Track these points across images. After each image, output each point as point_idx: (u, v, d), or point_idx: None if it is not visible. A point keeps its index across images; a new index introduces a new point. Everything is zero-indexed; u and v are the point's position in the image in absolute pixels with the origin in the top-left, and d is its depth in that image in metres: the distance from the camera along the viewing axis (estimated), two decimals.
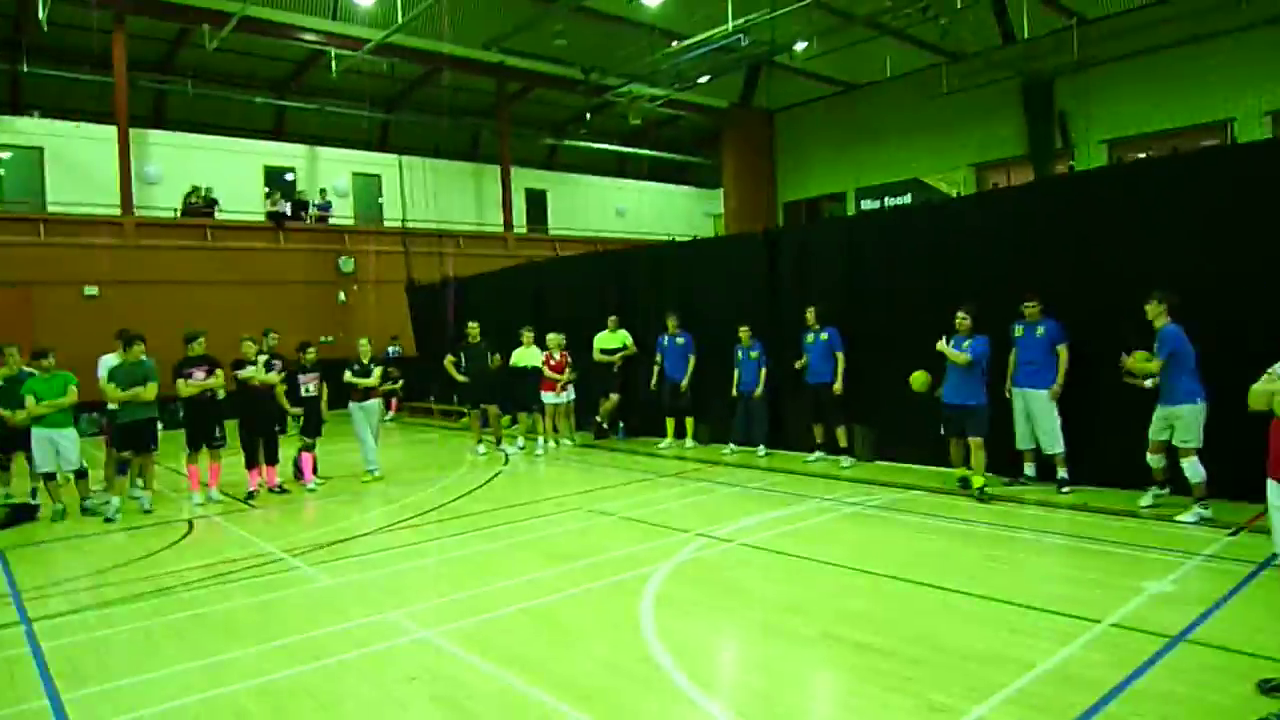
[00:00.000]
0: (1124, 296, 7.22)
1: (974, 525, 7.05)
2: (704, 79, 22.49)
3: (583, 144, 29.17)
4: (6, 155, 19.43)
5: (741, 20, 17.75)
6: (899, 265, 9.63)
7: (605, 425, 13.10)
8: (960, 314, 8.10)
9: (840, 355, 9.78)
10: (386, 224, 24.06)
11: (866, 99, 24.54)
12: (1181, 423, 6.64)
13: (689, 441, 11.90)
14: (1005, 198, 10.29)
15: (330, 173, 23.92)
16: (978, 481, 7.96)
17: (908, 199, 22.56)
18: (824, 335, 9.85)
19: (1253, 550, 5.73)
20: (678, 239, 15.27)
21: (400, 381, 18.58)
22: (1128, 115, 19.30)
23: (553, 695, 3.97)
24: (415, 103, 26.02)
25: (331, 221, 22.82)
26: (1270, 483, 3.53)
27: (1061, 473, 7.83)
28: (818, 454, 10.24)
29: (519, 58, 23.10)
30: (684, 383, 11.60)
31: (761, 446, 10.83)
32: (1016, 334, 8.09)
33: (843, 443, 9.83)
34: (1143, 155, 18.08)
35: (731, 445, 11.10)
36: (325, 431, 10.27)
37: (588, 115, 25.51)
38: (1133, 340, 6.96)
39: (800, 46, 20.71)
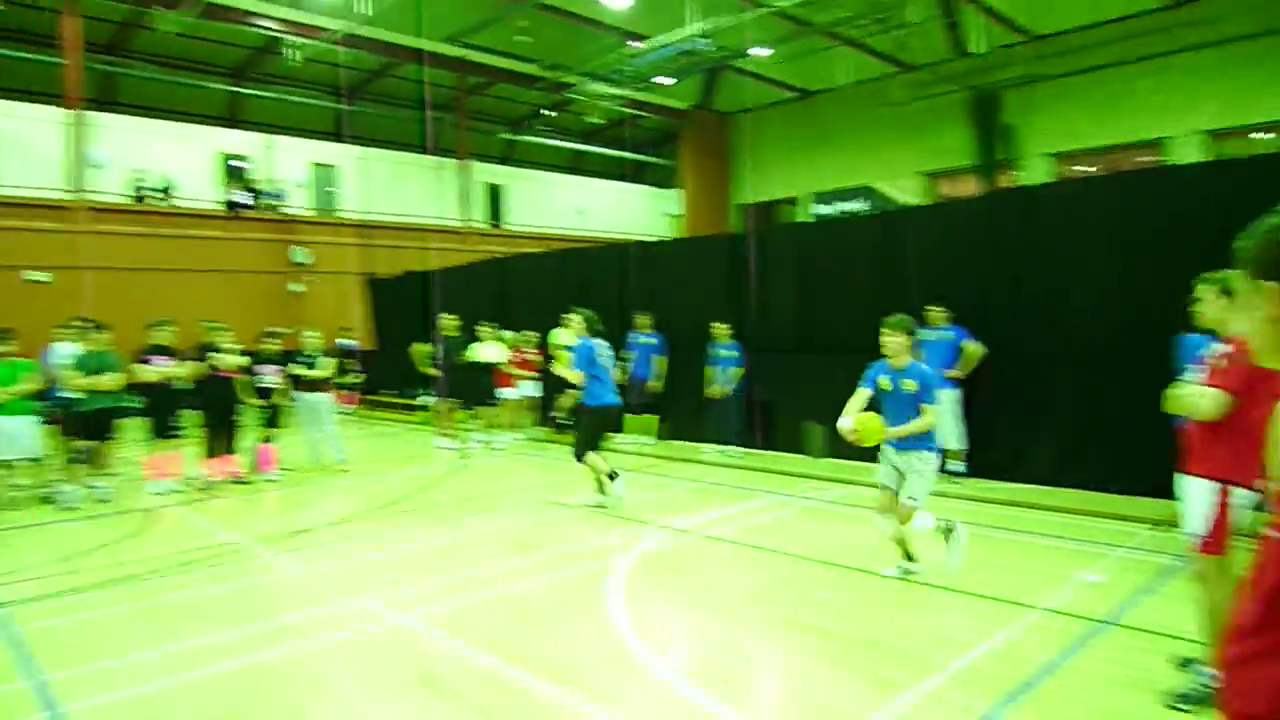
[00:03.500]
0: (1052, 307, 7.87)
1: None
2: (665, 80, 22.79)
3: (541, 140, 29.23)
4: None
5: (704, 25, 18.08)
6: (848, 272, 10.07)
7: (564, 421, 13.28)
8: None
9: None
10: (342, 215, 23.88)
11: (823, 105, 25.08)
12: None
13: (649, 438, 12.15)
14: (953, 209, 10.76)
15: (287, 162, 23.62)
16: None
17: (860, 205, 23.12)
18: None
19: (1172, 543, 6.18)
20: (638, 238, 15.54)
21: (360, 375, 18.60)
22: (1069, 130, 20.08)
23: (531, 674, 4.19)
24: (374, 93, 25.83)
25: (286, 211, 22.58)
26: (1178, 475, 3.92)
27: (958, 466, 8.68)
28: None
29: (481, 52, 23.14)
30: (655, 382, 11.81)
31: (731, 446, 10.99)
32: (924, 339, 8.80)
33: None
34: (1082, 169, 18.85)
35: (710, 445, 11.08)
36: (285, 424, 10.29)
37: (548, 112, 25.61)
38: None
39: (760, 52, 21.10)
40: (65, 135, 18.56)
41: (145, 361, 8.98)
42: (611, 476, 8.02)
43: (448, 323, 12.19)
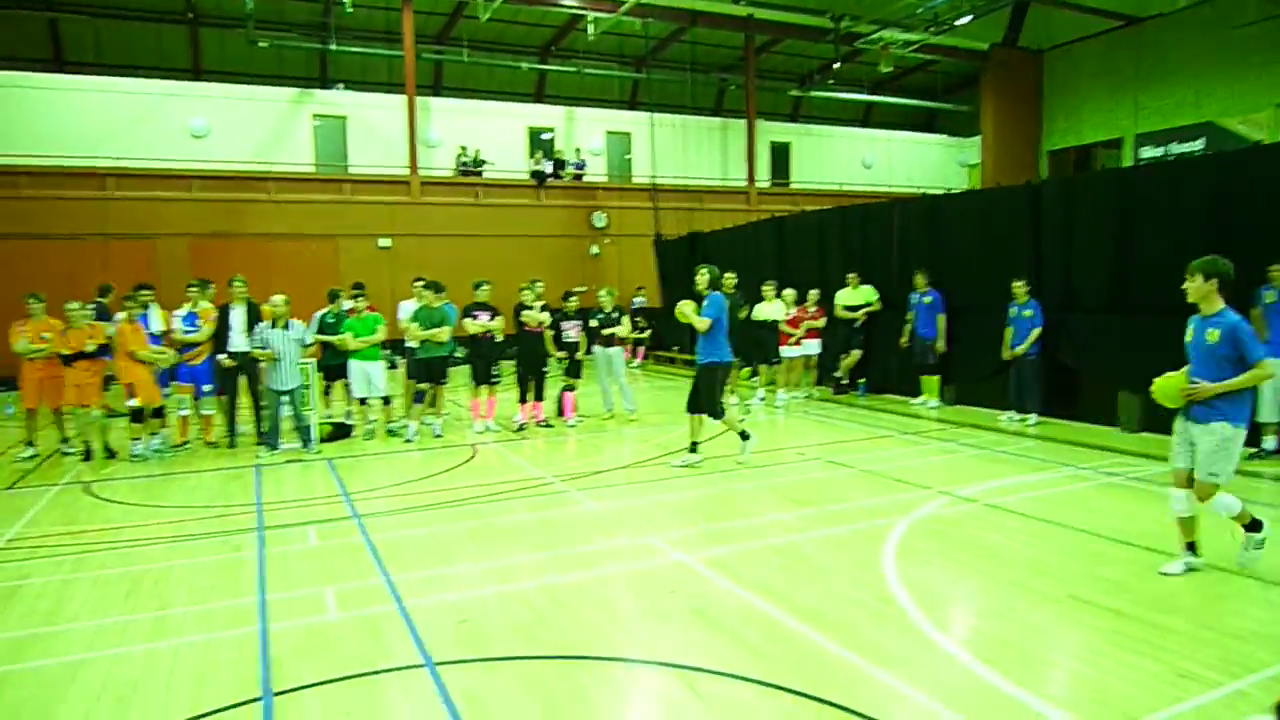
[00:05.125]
0: None
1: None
2: (965, 20, 21.27)
3: (828, 94, 28.56)
4: (318, 124, 22.36)
5: None
6: (1180, 223, 8.85)
7: (845, 381, 13.16)
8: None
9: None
10: (635, 180, 25.11)
11: (1153, 33, 22.00)
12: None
13: (931, 400, 11.69)
14: None
15: (585, 132, 25.25)
16: None
17: (1198, 146, 20.12)
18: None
19: None
20: (930, 191, 14.84)
21: (648, 330, 19.70)
22: None
23: (797, 619, 4.34)
24: (664, 61, 26.69)
25: (585, 179, 24.19)
26: None
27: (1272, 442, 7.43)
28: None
29: (768, 9, 23.04)
30: (938, 342, 11.36)
31: (1032, 415, 10.10)
32: (1267, 300, 7.51)
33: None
34: None
35: (1008, 413, 10.35)
36: (583, 374, 11.22)
37: (836, 65, 24.92)
38: None
39: None
40: (405, 119, 21.31)
41: (474, 317, 10.22)
42: (693, 447, 8.44)
43: (727, 279, 12.39)
